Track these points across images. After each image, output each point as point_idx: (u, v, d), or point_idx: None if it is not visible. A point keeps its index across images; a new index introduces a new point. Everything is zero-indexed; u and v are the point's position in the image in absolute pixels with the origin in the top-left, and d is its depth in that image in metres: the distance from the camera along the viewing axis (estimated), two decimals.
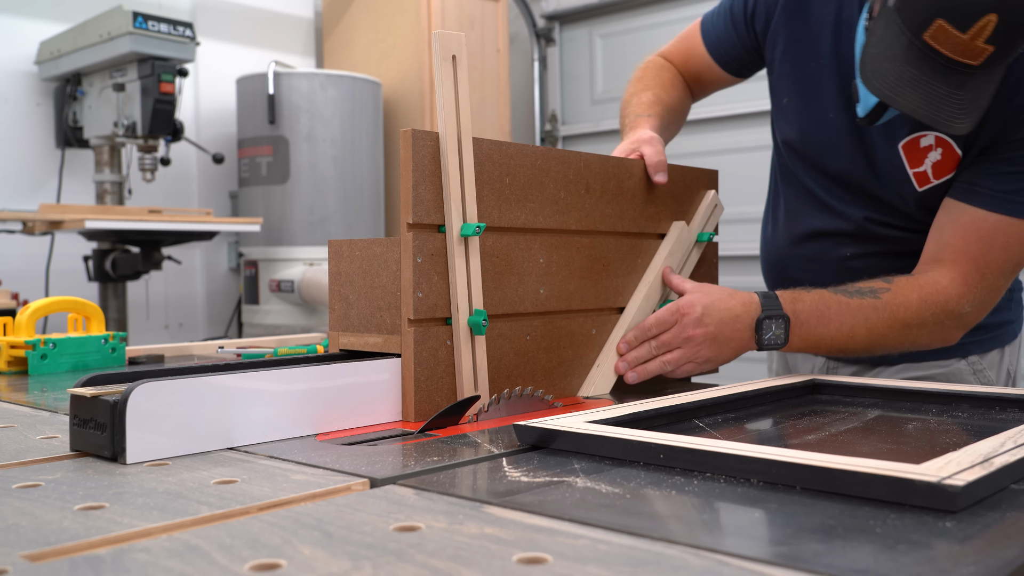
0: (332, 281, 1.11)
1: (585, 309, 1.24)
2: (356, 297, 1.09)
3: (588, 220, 1.24)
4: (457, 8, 4.07)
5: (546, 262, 1.17)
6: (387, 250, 1.05)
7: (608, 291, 1.28)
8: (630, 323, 1.28)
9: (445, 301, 1.05)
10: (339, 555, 0.55)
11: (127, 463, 0.80)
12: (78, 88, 3.41)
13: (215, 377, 0.88)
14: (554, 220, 1.19)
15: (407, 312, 1.02)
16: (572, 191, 1.21)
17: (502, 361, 1.12)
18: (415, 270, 1.02)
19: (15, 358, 1.49)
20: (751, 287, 1.31)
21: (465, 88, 1.04)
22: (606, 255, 1.27)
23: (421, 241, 1.02)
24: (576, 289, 1.22)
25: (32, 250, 3.46)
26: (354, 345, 1.09)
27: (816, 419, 1.04)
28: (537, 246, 1.16)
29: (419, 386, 1.03)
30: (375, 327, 1.07)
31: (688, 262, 1.40)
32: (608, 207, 1.27)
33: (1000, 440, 0.76)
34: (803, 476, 0.70)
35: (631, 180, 1.30)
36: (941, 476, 0.63)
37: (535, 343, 1.17)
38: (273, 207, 3.69)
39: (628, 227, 1.31)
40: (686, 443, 0.77)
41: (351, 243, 1.09)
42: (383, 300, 1.05)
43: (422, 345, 1.03)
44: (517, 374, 1.14)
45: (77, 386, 0.86)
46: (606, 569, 0.52)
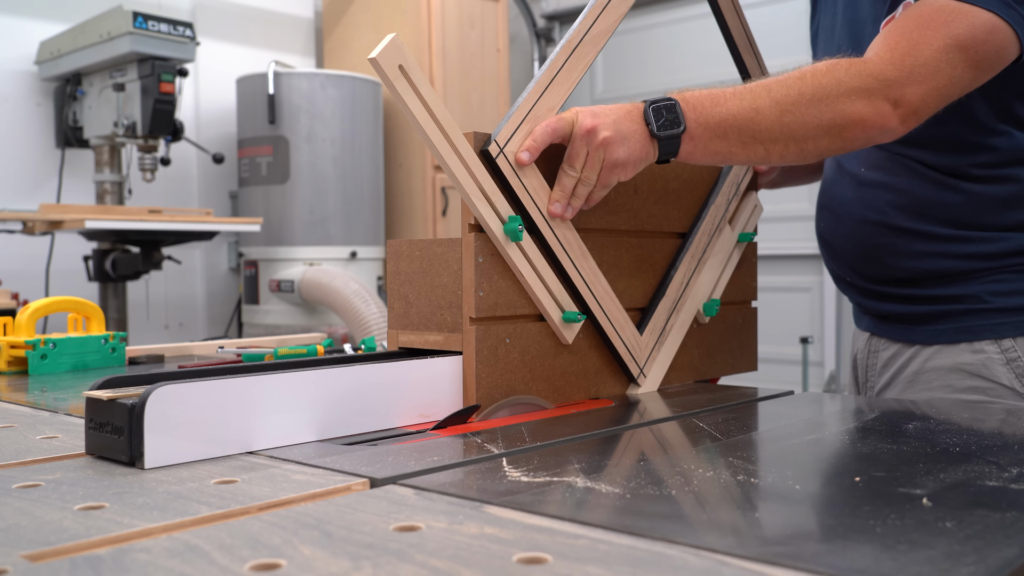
0: (391, 280, 1.14)
1: (633, 308, 1.26)
2: (416, 296, 1.11)
3: (636, 220, 1.26)
4: (457, 8, 4.07)
5: (596, 261, 1.18)
6: (448, 250, 1.07)
7: (654, 291, 1.30)
8: (681, 320, 1.30)
9: (505, 300, 1.07)
10: (339, 555, 0.55)
11: (145, 468, 0.79)
12: (78, 88, 3.41)
13: (238, 379, 0.86)
14: (604, 220, 1.21)
15: (468, 311, 1.04)
16: (621, 192, 1.23)
17: (557, 359, 1.14)
18: (476, 269, 1.04)
19: (15, 358, 1.49)
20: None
21: (428, 88, 1.00)
22: (653, 255, 1.29)
23: (482, 241, 1.05)
24: (624, 289, 1.24)
25: (32, 250, 3.46)
26: (414, 343, 1.11)
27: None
28: (588, 246, 1.17)
29: (480, 382, 1.05)
30: (435, 325, 1.09)
31: (730, 262, 1.41)
32: (655, 207, 1.29)
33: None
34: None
35: (676, 182, 1.33)
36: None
37: (587, 341, 1.18)
38: (273, 207, 3.69)
39: (673, 227, 1.33)
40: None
41: (410, 243, 1.11)
42: (443, 299, 1.07)
43: (483, 343, 1.05)
44: (571, 371, 1.16)
45: (93, 388, 0.85)
46: (606, 569, 0.52)
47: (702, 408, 1.12)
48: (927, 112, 1.14)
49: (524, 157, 1.07)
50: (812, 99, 1.11)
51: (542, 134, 1.07)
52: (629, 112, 1.10)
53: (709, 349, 1.39)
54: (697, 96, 1.12)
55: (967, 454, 0.82)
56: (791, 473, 0.78)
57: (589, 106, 1.11)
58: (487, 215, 1.04)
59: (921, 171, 1.30)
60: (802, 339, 4.03)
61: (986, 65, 1.15)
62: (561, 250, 1.12)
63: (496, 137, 1.06)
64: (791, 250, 4.22)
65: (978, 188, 1.26)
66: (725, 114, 1.11)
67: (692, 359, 1.36)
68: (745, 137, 1.12)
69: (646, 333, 1.26)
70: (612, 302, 1.20)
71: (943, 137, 1.27)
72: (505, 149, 1.06)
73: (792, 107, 1.11)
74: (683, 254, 1.33)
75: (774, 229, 4.27)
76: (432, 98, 1.01)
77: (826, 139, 1.12)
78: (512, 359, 1.09)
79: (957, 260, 1.28)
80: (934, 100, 1.13)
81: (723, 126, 1.11)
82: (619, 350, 1.21)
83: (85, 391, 0.85)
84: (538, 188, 1.09)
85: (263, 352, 1.43)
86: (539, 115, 1.09)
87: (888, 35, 1.15)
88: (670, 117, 1.10)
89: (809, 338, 4.05)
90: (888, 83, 1.11)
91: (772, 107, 1.11)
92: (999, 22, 1.12)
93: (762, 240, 4.84)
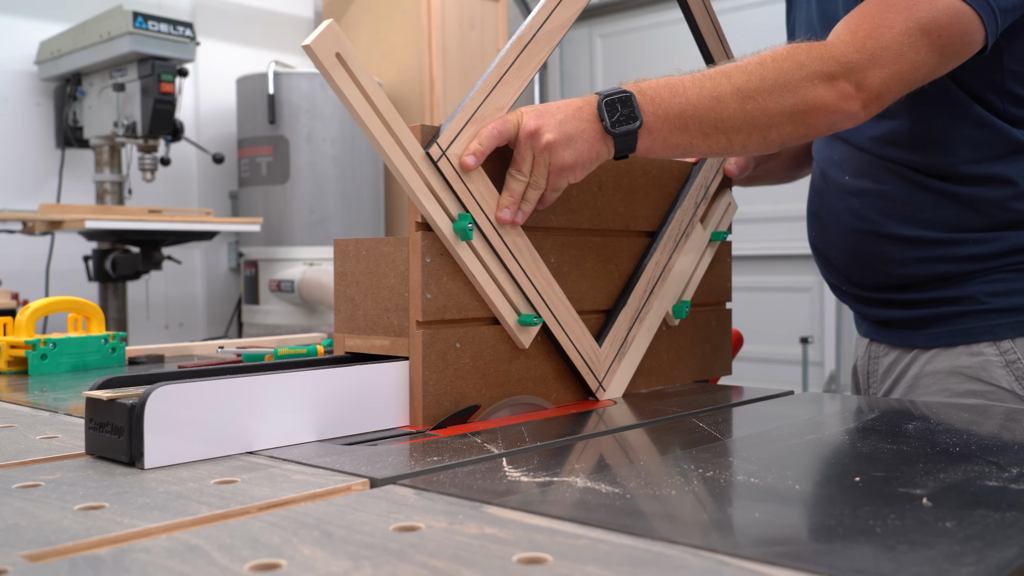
0: (338, 281, 1.09)
1: (596, 310, 1.21)
2: (362, 298, 1.06)
3: (600, 219, 1.21)
4: (457, 8, 4.07)
5: (557, 262, 1.14)
6: (395, 249, 1.02)
7: (620, 292, 1.24)
8: (647, 327, 1.25)
9: (455, 302, 1.03)
10: (339, 555, 0.55)
11: (145, 468, 0.79)
12: (78, 88, 3.41)
13: (238, 379, 0.86)
14: (565, 219, 1.16)
15: (415, 314, 1.00)
16: (584, 189, 1.17)
17: (513, 365, 1.09)
18: (424, 270, 0.99)
19: (15, 358, 1.49)
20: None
21: (368, 78, 0.94)
22: (618, 255, 1.24)
23: (430, 240, 1.00)
24: (587, 290, 1.19)
25: (32, 250, 3.46)
26: (360, 348, 1.07)
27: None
28: (548, 245, 1.13)
29: (427, 390, 1.00)
30: (382, 329, 1.04)
31: (701, 262, 1.36)
32: (620, 205, 1.24)
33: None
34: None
35: (643, 178, 1.28)
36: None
37: (545, 346, 1.13)
38: (273, 207, 3.69)
39: (641, 226, 1.28)
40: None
41: (357, 242, 1.06)
42: (390, 301, 1.03)
43: (431, 348, 1.00)
44: (528, 377, 1.11)
45: (93, 388, 0.85)
46: (606, 569, 0.52)
47: (702, 408, 1.12)
48: (890, 97, 1.11)
49: (469, 161, 1.01)
50: (774, 85, 1.07)
51: (488, 137, 1.02)
52: (579, 109, 1.05)
53: (679, 353, 1.34)
54: (654, 86, 1.07)
55: (967, 454, 0.82)
56: (791, 473, 0.78)
57: (537, 104, 1.06)
58: (435, 213, 0.99)
59: (907, 175, 1.27)
60: (802, 339, 4.03)
61: (951, 51, 1.11)
62: (511, 258, 1.06)
63: (438, 139, 1.00)
64: (791, 250, 4.22)
65: (967, 190, 1.24)
66: (684, 104, 1.06)
67: (660, 363, 1.30)
68: (707, 128, 1.07)
69: (606, 344, 1.19)
70: (568, 312, 1.13)
71: (925, 134, 1.25)
72: (449, 152, 1.00)
73: (754, 94, 1.07)
74: (650, 254, 1.27)
75: (774, 229, 4.28)
76: (373, 88, 0.95)
77: (789, 126, 1.08)
78: (463, 365, 1.04)
79: (952, 263, 1.26)
80: (897, 85, 1.10)
81: (683, 117, 1.06)
82: (575, 363, 1.15)
83: (85, 391, 0.85)
84: (485, 193, 1.04)
85: (263, 352, 1.43)
86: (487, 116, 1.03)
87: (850, 18, 1.12)
88: (625, 111, 1.04)
89: (809, 338, 4.05)
90: (850, 66, 1.08)
91: (733, 95, 1.06)
92: (963, 7, 1.09)
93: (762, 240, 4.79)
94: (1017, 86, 1.21)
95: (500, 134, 1.03)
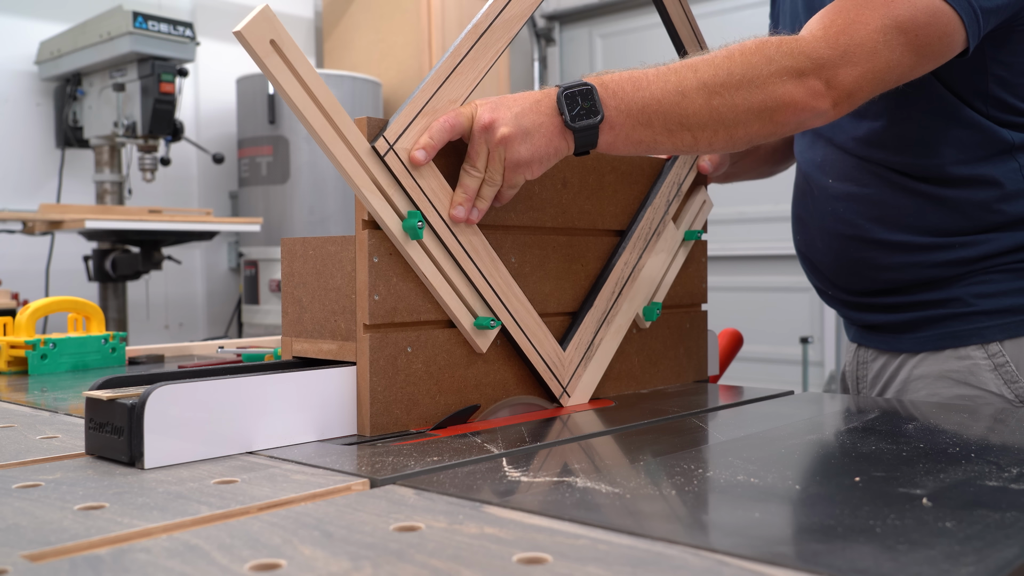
0: (285, 283, 1.03)
1: (561, 312, 1.15)
2: (310, 300, 1.00)
3: (565, 217, 1.15)
4: (457, 8, 4.07)
5: (518, 262, 1.09)
6: (341, 249, 0.96)
7: (586, 293, 1.18)
8: (615, 329, 1.19)
9: (406, 304, 0.97)
10: (339, 555, 0.55)
11: (145, 468, 0.79)
12: (78, 88, 3.41)
13: (238, 379, 0.86)
14: (527, 217, 1.10)
15: (362, 316, 0.94)
16: (547, 185, 1.12)
17: (470, 370, 1.03)
18: (371, 271, 0.94)
19: (15, 358, 1.49)
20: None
21: (307, 67, 0.89)
22: (585, 255, 1.18)
23: (378, 239, 0.94)
24: (551, 292, 1.13)
25: (32, 250, 3.46)
26: (308, 352, 1.01)
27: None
28: (509, 245, 1.07)
29: (375, 397, 0.94)
30: (329, 333, 0.98)
31: (674, 262, 1.31)
32: (587, 203, 1.18)
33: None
34: None
35: (612, 175, 1.22)
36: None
37: (505, 349, 1.07)
38: (273, 207, 3.69)
39: (609, 224, 1.21)
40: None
41: (304, 241, 1.01)
42: (337, 304, 0.97)
43: (379, 352, 0.94)
44: (487, 383, 1.05)
45: (93, 388, 0.85)
46: (606, 569, 0.52)
47: (702, 408, 1.12)
48: (861, 96, 1.07)
49: (419, 156, 0.96)
50: (742, 80, 1.02)
51: (439, 131, 0.97)
52: (538, 102, 1.00)
53: (651, 356, 1.28)
54: (616, 80, 1.02)
55: (967, 454, 0.82)
56: (791, 473, 0.78)
57: (494, 97, 1.01)
58: (382, 210, 0.93)
59: (891, 178, 1.25)
60: (802, 339, 4.03)
61: (928, 51, 1.07)
62: (467, 258, 1.01)
63: (385, 133, 0.94)
64: (791, 250, 4.21)
65: (953, 192, 1.21)
66: (648, 99, 1.01)
67: (631, 367, 1.25)
68: (671, 124, 1.02)
69: (570, 348, 1.13)
70: (529, 315, 1.07)
71: (910, 134, 1.22)
72: (397, 146, 0.94)
73: (721, 89, 1.02)
74: (619, 254, 1.21)
75: (774, 229, 4.28)
76: (312, 78, 0.89)
77: (756, 123, 1.04)
78: (415, 370, 0.98)
79: (938, 267, 1.23)
80: (869, 84, 1.06)
81: (647, 112, 1.01)
82: (537, 367, 1.09)
83: (85, 391, 0.85)
84: (438, 189, 0.98)
85: (263, 352, 1.43)
86: (439, 108, 0.98)
87: (825, 13, 1.07)
88: (586, 105, 0.99)
89: (809, 338, 4.05)
90: (820, 63, 1.04)
91: (699, 89, 1.02)
92: (943, 6, 1.06)
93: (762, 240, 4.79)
94: (1001, 91, 1.18)
95: (452, 127, 0.98)
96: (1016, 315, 1.21)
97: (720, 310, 4.43)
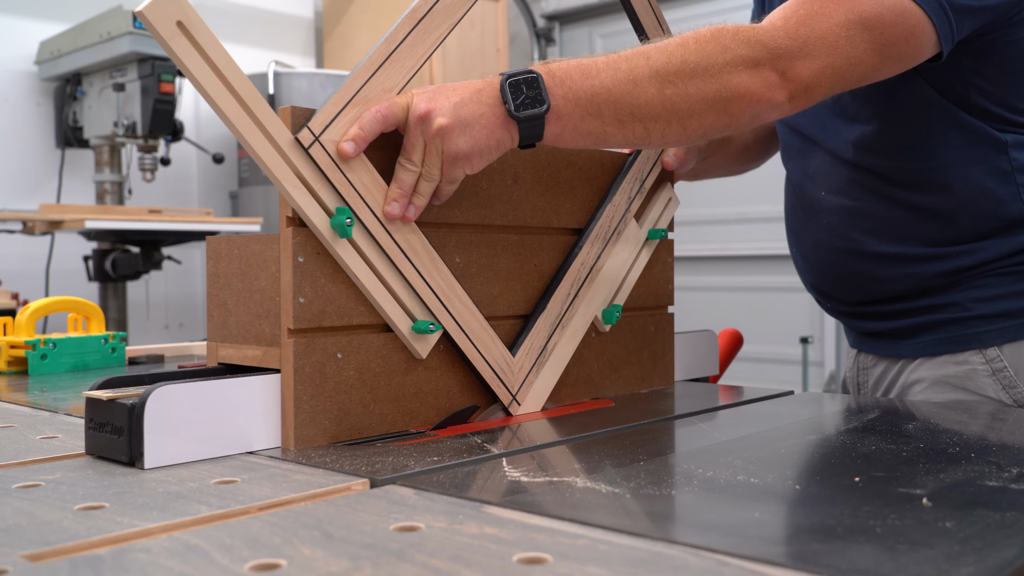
0: (210, 284, 0.97)
1: (513, 315, 1.09)
2: (235, 303, 0.94)
3: (516, 214, 1.09)
4: None
5: (464, 262, 1.03)
6: (266, 248, 0.90)
7: (540, 295, 1.12)
8: (570, 333, 1.13)
9: (335, 307, 0.91)
10: (339, 555, 0.55)
11: (145, 468, 0.79)
12: (78, 88, 3.41)
13: (237, 379, 0.86)
14: (474, 214, 1.04)
15: (287, 320, 0.88)
16: (496, 180, 1.06)
17: (409, 377, 0.98)
18: (296, 271, 0.88)
19: (15, 358, 1.49)
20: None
21: (219, 50, 0.82)
22: (539, 255, 1.12)
23: (304, 237, 0.88)
24: (500, 294, 1.07)
25: (32, 250, 3.46)
26: (233, 358, 0.95)
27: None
28: (453, 243, 1.02)
29: (300, 407, 0.88)
30: (254, 338, 0.92)
31: (637, 262, 1.25)
32: (541, 200, 1.12)
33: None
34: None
35: (568, 170, 1.15)
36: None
37: (449, 355, 1.01)
38: (273, 207, 3.69)
39: (565, 223, 1.15)
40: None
41: (229, 240, 0.95)
42: (262, 306, 0.91)
43: (305, 359, 0.88)
44: (428, 391, 0.99)
45: (93, 388, 0.85)
46: (606, 569, 0.52)
47: (701, 408, 1.12)
48: (819, 91, 1.02)
49: (347, 148, 0.90)
50: (696, 68, 0.97)
51: (370, 121, 0.91)
52: (479, 91, 0.94)
53: (611, 361, 1.22)
54: (564, 67, 0.97)
55: (967, 454, 0.82)
56: (791, 473, 0.78)
57: (432, 86, 0.96)
58: (307, 206, 0.87)
59: (884, 191, 1.22)
60: (802, 339, 4.03)
61: (893, 52, 1.03)
62: (403, 258, 0.95)
63: (310, 123, 0.88)
64: None
65: (946, 200, 1.18)
66: (598, 87, 0.96)
67: (589, 373, 1.19)
68: (622, 114, 0.97)
69: (520, 353, 1.07)
70: (474, 318, 1.01)
71: (902, 138, 1.19)
72: (323, 137, 0.88)
73: (674, 77, 0.97)
74: (575, 253, 1.15)
75: (774, 229, 4.28)
76: (225, 62, 0.83)
77: (711, 114, 0.99)
78: (346, 378, 0.92)
79: (936, 277, 1.21)
80: (828, 79, 1.01)
81: (596, 102, 0.96)
82: (483, 374, 1.03)
83: (85, 391, 0.85)
84: (370, 184, 0.92)
85: None
86: (371, 97, 0.92)
87: (788, 3, 1.03)
88: (531, 94, 0.94)
89: (809, 338, 4.05)
90: (777, 53, 0.99)
91: (652, 78, 0.97)
92: (911, 6, 1.02)
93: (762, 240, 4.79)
94: (983, 99, 1.16)
95: (385, 118, 0.92)
96: (1014, 319, 1.19)
97: (720, 310, 4.43)
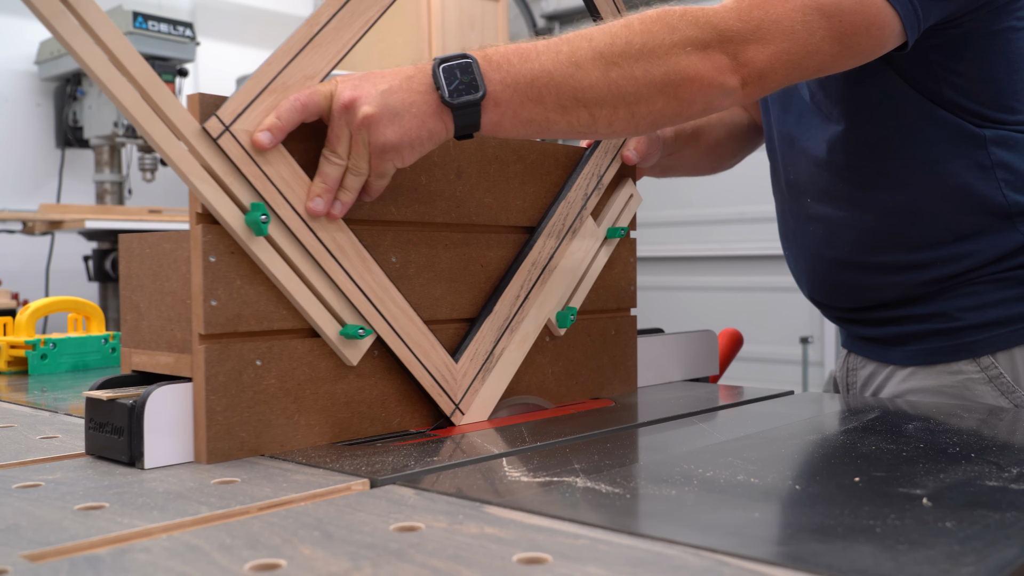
0: (123, 285, 0.91)
1: (456, 319, 1.03)
2: (147, 306, 0.88)
3: (460, 211, 1.03)
4: (457, 8, 4.07)
5: (400, 262, 0.97)
6: (176, 247, 0.84)
7: (487, 298, 1.06)
8: (520, 337, 1.07)
9: (253, 311, 0.84)
10: (339, 555, 0.55)
11: (145, 468, 0.79)
12: (78, 88, 3.41)
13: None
14: (412, 211, 0.98)
15: (198, 325, 0.81)
16: (437, 175, 1.00)
17: (338, 385, 0.91)
18: (207, 272, 0.81)
19: (15, 358, 1.49)
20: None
21: (111, 29, 0.75)
22: (485, 254, 1.05)
23: (216, 236, 0.82)
24: (442, 296, 1.01)
25: (32, 250, 3.46)
26: (145, 366, 0.89)
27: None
28: (388, 242, 0.95)
29: (213, 419, 0.81)
30: (166, 343, 0.86)
31: (595, 263, 1.19)
32: (487, 196, 1.06)
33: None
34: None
35: (518, 164, 1.09)
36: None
37: (384, 361, 0.95)
38: None
39: (515, 220, 1.09)
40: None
41: (141, 238, 0.89)
42: (173, 310, 0.85)
43: (218, 366, 0.82)
44: (360, 400, 0.93)
45: (93, 388, 0.85)
46: (606, 569, 0.52)
47: (701, 408, 1.12)
48: (774, 80, 0.97)
49: (262, 138, 0.83)
50: (641, 50, 0.92)
51: (289, 110, 0.84)
52: (409, 78, 0.88)
53: (568, 367, 1.15)
54: (501, 52, 0.91)
55: (967, 454, 0.82)
56: (791, 473, 0.78)
57: (359, 72, 0.90)
58: (217, 202, 0.80)
59: (868, 198, 1.20)
60: (802, 339, 4.03)
61: (854, 42, 0.98)
62: (330, 258, 0.88)
63: (220, 112, 0.81)
64: None
65: (927, 202, 1.17)
66: (538, 71, 0.90)
67: (543, 379, 1.12)
68: (565, 99, 0.91)
69: (464, 359, 1.00)
70: (411, 322, 0.95)
71: (883, 136, 1.17)
72: (235, 127, 0.81)
73: (619, 59, 0.92)
74: (525, 253, 1.09)
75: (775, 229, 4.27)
76: (119, 43, 0.75)
77: (660, 99, 0.94)
78: (266, 387, 0.85)
79: (922, 285, 1.20)
80: (784, 66, 0.96)
81: (536, 86, 0.90)
82: (423, 382, 0.96)
83: (85, 391, 0.85)
84: (291, 178, 0.85)
85: None
86: (291, 84, 0.85)
87: None
88: (466, 79, 0.88)
89: (809, 338, 4.05)
90: (727, 35, 0.94)
91: (595, 60, 0.91)
92: None
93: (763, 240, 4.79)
94: (956, 95, 1.14)
95: (305, 107, 0.85)
96: (1004, 327, 1.18)
97: (720, 310, 4.43)
